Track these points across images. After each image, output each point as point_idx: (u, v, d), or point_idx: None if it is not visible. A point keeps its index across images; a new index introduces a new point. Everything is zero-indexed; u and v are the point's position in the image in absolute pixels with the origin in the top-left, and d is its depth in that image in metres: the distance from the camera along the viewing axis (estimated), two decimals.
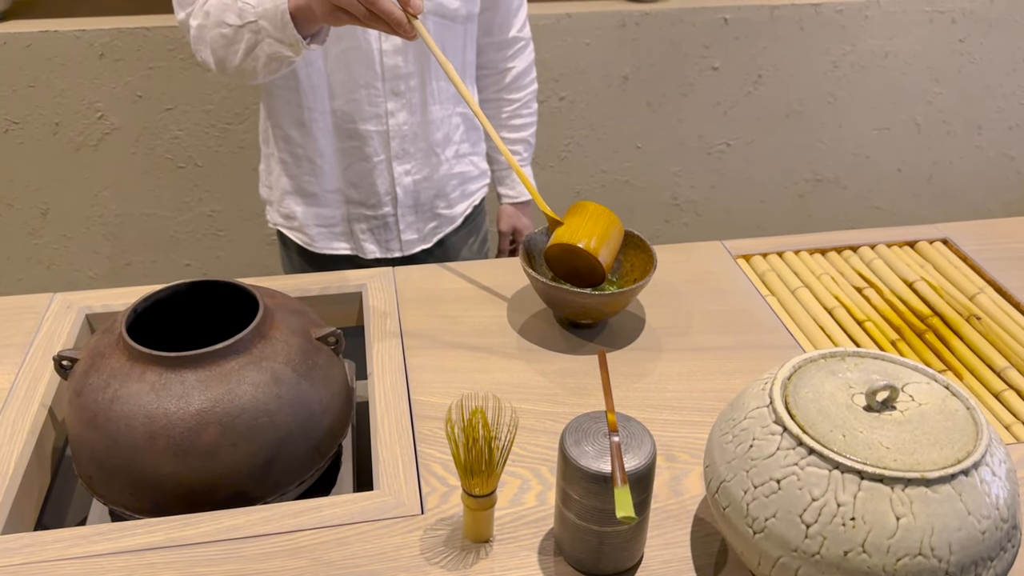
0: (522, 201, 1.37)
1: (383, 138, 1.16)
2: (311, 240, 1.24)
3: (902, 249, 1.09)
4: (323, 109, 1.15)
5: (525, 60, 1.31)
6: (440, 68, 1.16)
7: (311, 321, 0.83)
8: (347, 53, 1.11)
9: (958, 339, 0.93)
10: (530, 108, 1.35)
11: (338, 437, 0.81)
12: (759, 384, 0.65)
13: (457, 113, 1.22)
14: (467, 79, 1.23)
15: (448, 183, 1.24)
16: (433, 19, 1.12)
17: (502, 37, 1.26)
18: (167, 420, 0.72)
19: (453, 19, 1.15)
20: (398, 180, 1.19)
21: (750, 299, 0.98)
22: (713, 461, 0.64)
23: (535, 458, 0.76)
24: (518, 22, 1.27)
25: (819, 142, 2.15)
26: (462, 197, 1.27)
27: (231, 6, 0.98)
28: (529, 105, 1.34)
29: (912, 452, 0.57)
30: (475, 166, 1.28)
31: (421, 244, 1.25)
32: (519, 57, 1.30)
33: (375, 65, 1.12)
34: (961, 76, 2.12)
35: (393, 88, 1.14)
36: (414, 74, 1.15)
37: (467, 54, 1.22)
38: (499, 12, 1.24)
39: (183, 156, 1.87)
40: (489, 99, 1.32)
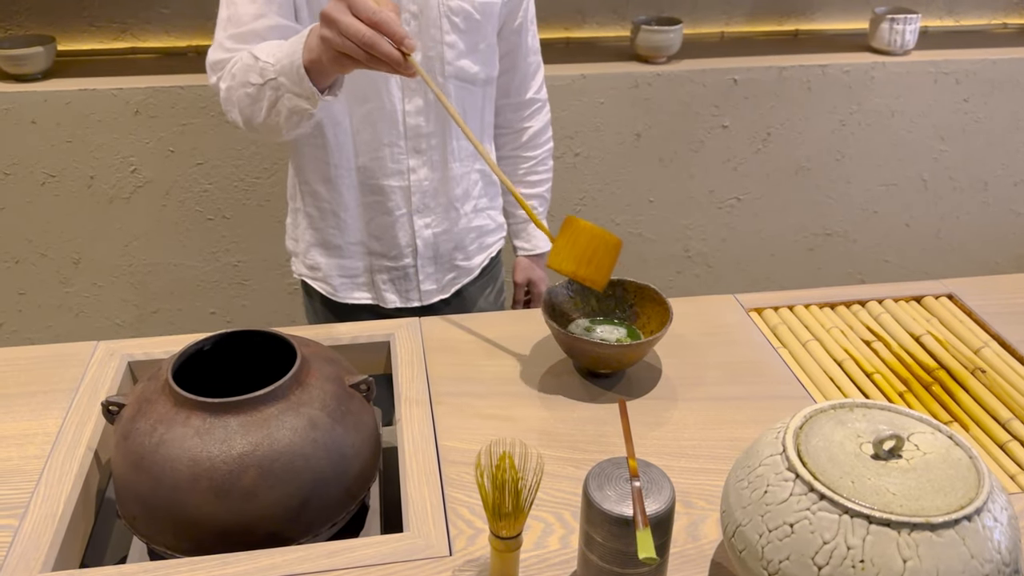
0: (537, 254, 1.43)
1: (405, 193, 1.22)
2: (334, 290, 1.29)
3: (909, 304, 1.13)
4: (348, 166, 1.21)
5: (541, 120, 1.37)
6: (458, 129, 1.22)
7: (344, 369, 0.87)
8: (372, 114, 1.18)
9: (964, 391, 0.96)
10: (546, 165, 1.41)
11: (368, 480, 0.85)
12: (772, 433, 0.69)
13: (476, 170, 1.28)
14: (485, 139, 1.29)
15: (467, 236, 1.29)
16: (454, 83, 1.19)
17: (519, 99, 1.33)
18: (210, 463, 0.76)
19: (473, 83, 1.21)
20: (418, 233, 1.24)
21: (762, 351, 1.02)
22: (729, 506, 0.67)
23: (558, 503, 0.80)
24: (535, 84, 1.34)
25: (828, 197, 2.20)
26: (480, 249, 1.32)
27: (253, 67, 1.03)
28: (545, 162, 1.40)
29: (917, 498, 0.61)
30: (492, 220, 1.33)
31: (439, 294, 1.30)
32: (535, 117, 1.36)
33: (398, 125, 1.19)
34: (966, 134, 2.18)
35: (415, 146, 1.20)
36: (435, 133, 1.21)
37: (486, 115, 1.28)
38: (517, 75, 1.31)
39: (212, 208, 1.93)
40: (507, 156, 1.38)
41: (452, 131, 1.22)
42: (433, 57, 1.17)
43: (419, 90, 1.17)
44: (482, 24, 1.19)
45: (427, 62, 1.16)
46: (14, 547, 0.74)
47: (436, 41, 1.16)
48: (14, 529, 0.76)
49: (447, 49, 1.16)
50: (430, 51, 1.16)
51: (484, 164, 1.29)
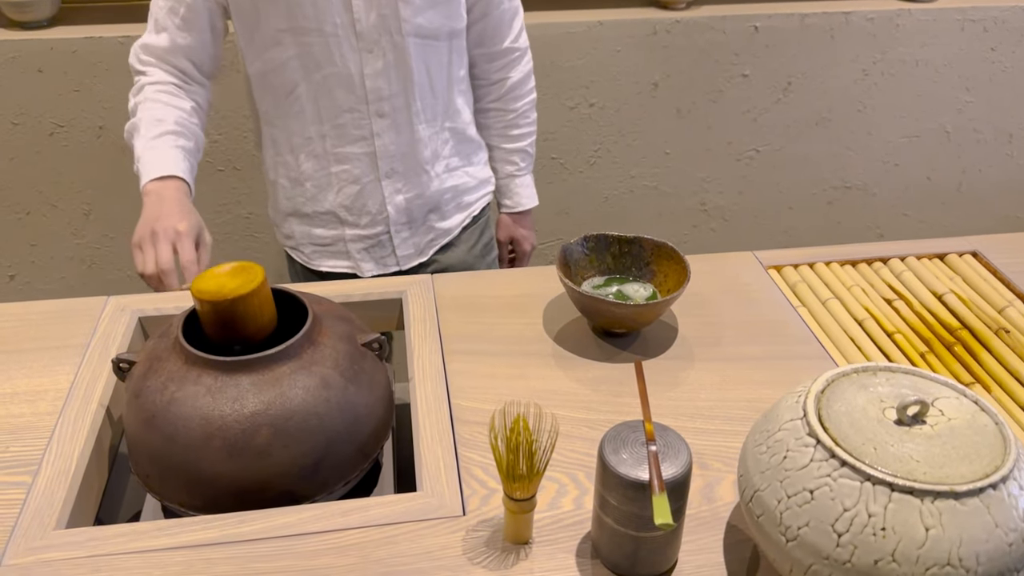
0: (520, 211, 1.38)
1: (371, 159, 1.19)
2: (308, 259, 1.28)
3: (932, 261, 1.11)
4: (310, 134, 1.18)
5: (521, 71, 1.30)
6: (424, 88, 1.18)
7: (356, 327, 0.86)
8: (328, 79, 1.14)
9: (987, 352, 0.95)
10: (528, 118, 1.35)
11: (381, 439, 0.84)
12: (793, 397, 0.67)
13: (446, 128, 1.24)
14: (456, 93, 1.23)
15: (441, 198, 1.26)
16: (413, 40, 1.13)
17: (494, 48, 1.26)
18: (223, 422, 0.75)
19: (436, 38, 1.16)
20: (389, 199, 1.21)
21: (781, 310, 1.00)
22: (747, 470, 0.66)
23: (572, 463, 0.79)
24: (512, 33, 1.27)
25: (848, 150, 2.15)
26: (457, 209, 1.29)
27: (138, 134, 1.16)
28: (527, 115, 1.34)
29: (941, 466, 0.60)
30: (471, 177, 1.29)
31: (418, 258, 1.28)
32: (514, 68, 1.29)
33: (357, 89, 1.15)
34: (992, 84, 2.12)
35: (378, 110, 1.16)
36: (398, 94, 1.16)
37: (454, 69, 1.22)
38: (490, 23, 1.24)
39: (222, 160, 1.91)
40: (486, 108, 1.33)
41: (416, 91, 1.17)
42: (387, 15, 1.11)
43: (377, 51, 1.13)
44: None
45: (381, 21, 1.11)
46: (28, 504, 0.74)
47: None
48: (27, 486, 0.76)
49: (403, 5, 1.10)
50: (384, 8, 1.11)
51: (456, 122, 1.25)
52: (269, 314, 0.83)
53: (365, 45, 1.12)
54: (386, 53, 1.13)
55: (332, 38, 1.12)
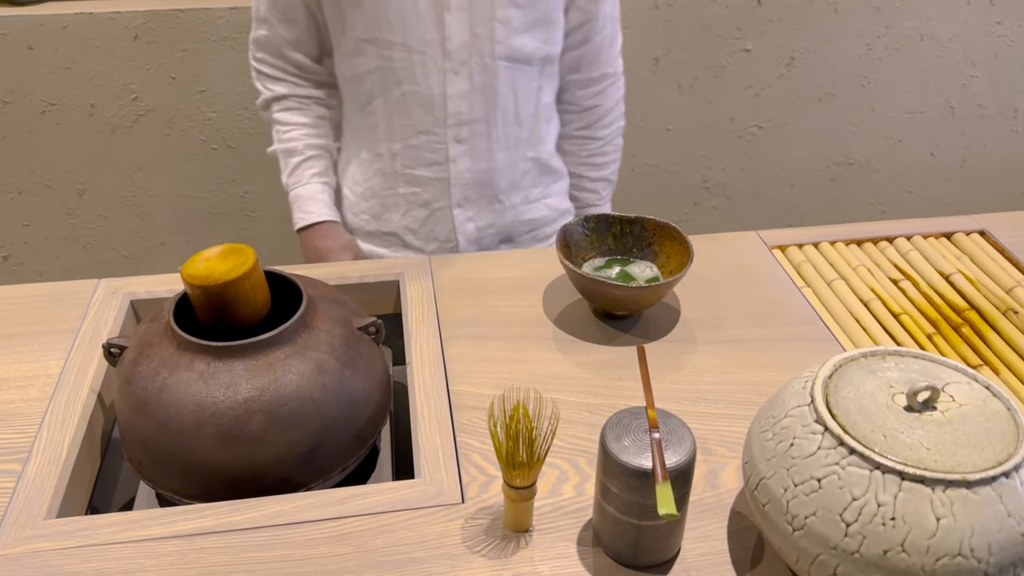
0: None
1: (443, 185, 1.13)
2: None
3: (938, 241, 1.09)
4: (380, 151, 1.13)
5: (613, 97, 1.22)
6: (508, 114, 1.11)
7: (352, 311, 0.84)
8: (407, 97, 1.08)
9: (995, 333, 0.93)
10: (614, 144, 1.27)
11: (378, 424, 0.83)
12: (799, 382, 0.66)
13: (527, 158, 1.16)
14: (541, 121, 1.16)
15: (516, 228, 1.20)
16: (504, 64, 1.07)
17: (591, 74, 1.18)
18: (216, 408, 0.73)
19: (528, 63, 1.09)
20: (460, 227, 1.16)
21: (785, 291, 0.98)
22: (752, 457, 0.65)
23: (573, 449, 0.78)
24: (609, 58, 1.19)
25: (851, 125, 2.13)
26: (533, 240, 1.23)
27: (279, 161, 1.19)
28: (613, 142, 1.26)
29: (953, 453, 0.58)
30: (551, 209, 1.22)
31: None
32: (605, 94, 1.21)
33: (437, 111, 1.08)
34: (997, 59, 2.09)
35: (456, 135, 1.10)
36: (479, 120, 1.10)
37: (543, 96, 1.14)
38: (589, 49, 1.15)
39: (216, 138, 1.88)
40: (572, 135, 1.24)
41: (499, 117, 1.10)
42: (481, 35, 1.04)
43: (464, 72, 1.06)
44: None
45: (474, 40, 1.04)
46: (18, 493, 0.73)
47: (486, 16, 1.03)
48: (17, 474, 0.75)
49: (499, 26, 1.03)
50: (478, 28, 1.04)
51: (538, 151, 1.17)
52: (262, 297, 0.81)
53: (452, 65, 1.06)
54: (473, 75, 1.07)
55: (417, 55, 1.05)
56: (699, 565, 0.68)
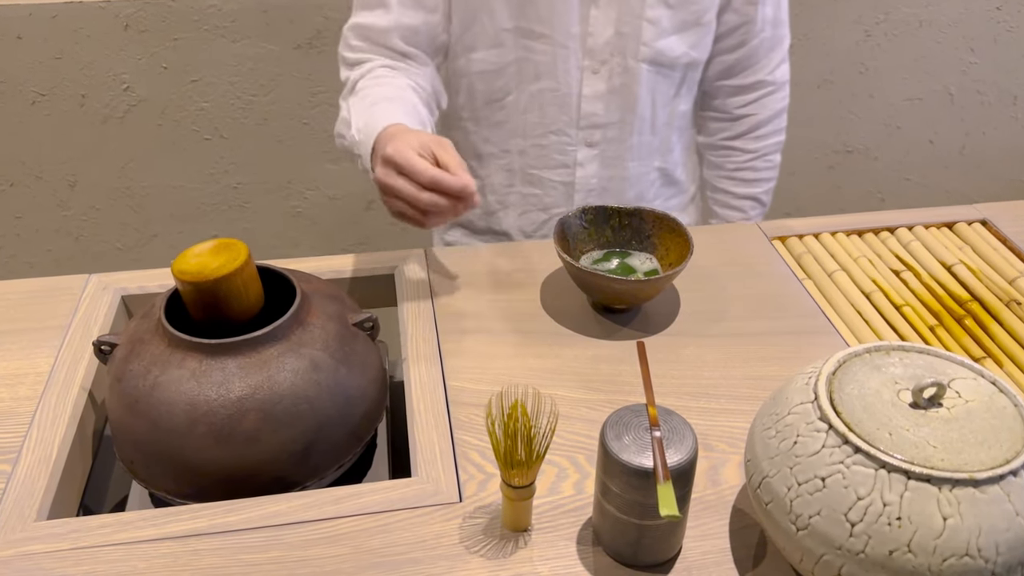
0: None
1: (567, 189, 1.08)
2: None
3: (940, 231, 1.08)
4: (506, 147, 1.07)
5: (770, 108, 1.12)
6: (644, 122, 1.04)
7: (347, 306, 0.83)
8: (543, 94, 1.02)
9: (998, 325, 0.92)
10: (768, 161, 1.15)
11: (375, 422, 0.81)
12: (803, 378, 0.64)
13: (655, 168, 1.11)
14: (673, 130, 1.10)
15: None
16: (647, 67, 1.01)
17: (743, 81, 1.10)
18: (208, 407, 0.72)
19: (672, 67, 1.02)
20: None
21: (786, 283, 0.97)
22: (755, 455, 0.64)
23: (572, 446, 0.76)
24: (769, 64, 1.10)
25: (850, 113, 2.11)
26: None
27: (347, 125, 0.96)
28: (767, 157, 1.15)
29: (959, 451, 0.57)
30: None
31: None
32: (760, 103, 1.12)
33: (571, 110, 1.02)
34: (997, 45, 2.07)
35: (587, 138, 1.04)
36: (613, 124, 1.04)
37: (679, 104, 1.07)
38: (744, 54, 1.07)
39: (209, 128, 1.86)
40: (719, 145, 1.16)
41: (634, 124, 1.04)
42: (627, 34, 0.98)
43: (603, 72, 1.00)
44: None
45: (618, 39, 0.99)
46: (7, 494, 0.72)
47: (634, 15, 0.97)
48: (7, 475, 0.73)
49: (647, 26, 0.97)
50: (624, 26, 0.98)
51: (666, 162, 1.10)
52: (255, 294, 0.79)
53: (591, 64, 1.00)
54: (612, 76, 1.01)
55: (561, 49, 0.99)
56: (701, 564, 0.67)
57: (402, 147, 0.81)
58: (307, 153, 1.90)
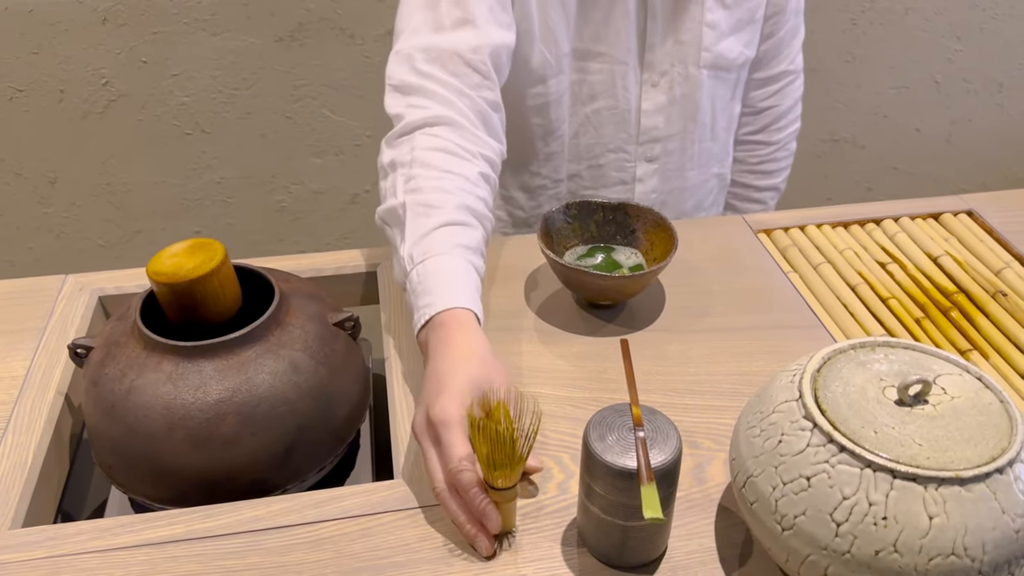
0: None
1: None
2: None
3: (926, 222, 1.07)
4: (560, 176, 1.02)
5: (791, 96, 1.12)
6: (705, 129, 1.01)
7: (327, 306, 0.82)
8: (600, 114, 0.98)
9: (984, 317, 0.91)
10: (787, 150, 1.16)
11: (356, 423, 0.80)
12: (787, 376, 0.64)
13: (714, 175, 1.08)
14: (731, 133, 1.07)
15: None
16: (708, 73, 0.97)
17: (769, 72, 1.08)
18: (185, 411, 0.71)
19: (729, 69, 1.00)
20: None
21: (772, 277, 0.96)
22: (740, 454, 0.63)
23: (556, 445, 0.76)
24: (790, 53, 1.08)
25: (836, 102, 2.10)
26: None
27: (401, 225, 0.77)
28: (787, 146, 1.15)
29: (945, 449, 0.56)
30: None
31: None
32: (783, 93, 1.10)
33: (630, 126, 0.98)
34: (983, 33, 2.06)
35: (647, 153, 1.00)
36: (675, 136, 1.01)
37: (735, 105, 1.04)
38: (772, 44, 1.05)
39: (190, 123, 1.84)
40: (742, 140, 1.14)
41: (696, 133, 1.01)
42: (687, 42, 0.95)
43: (663, 84, 0.96)
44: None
45: (678, 48, 0.95)
46: None
47: (695, 21, 0.94)
48: None
49: (707, 31, 0.94)
50: (684, 35, 0.94)
51: (723, 166, 1.07)
52: (232, 294, 0.78)
53: (650, 77, 0.96)
54: (673, 87, 0.97)
55: (619, 66, 0.95)
56: (686, 564, 0.66)
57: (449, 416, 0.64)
58: (290, 147, 1.88)
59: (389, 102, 0.85)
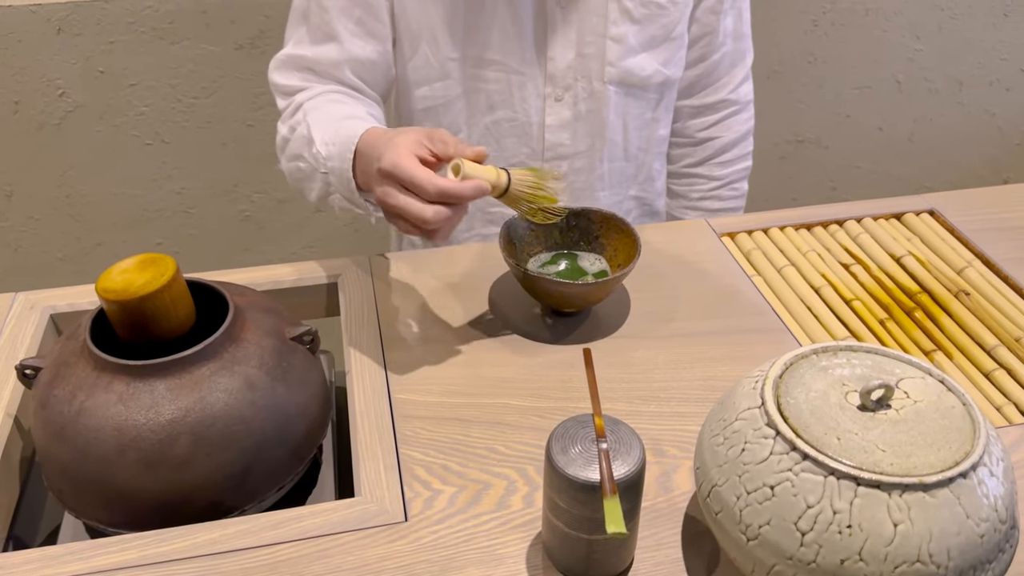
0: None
1: None
2: None
3: (888, 222, 1.07)
4: None
5: (735, 130, 1.07)
6: (615, 148, 0.98)
7: (284, 319, 0.80)
8: (500, 126, 0.95)
9: (947, 317, 0.92)
10: (735, 190, 1.10)
11: (317, 439, 0.78)
12: (749, 382, 0.63)
13: (630, 197, 1.04)
14: (654, 156, 1.03)
15: None
16: (615, 89, 0.94)
17: (704, 100, 1.04)
18: (137, 432, 0.69)
19: (644, 87, 0.96)
20: None
21: (736, 280, 0.96)
22: (704, 463, 0.62)
23: (521, 457, 0.74)
24: (732, 82, 1.04)
25: (800, 102, 2.11)
26: None
27: (307, 147, 0.84)
28: (733, 186, 1.09)
29: (909, 455, 0.56)
30: None
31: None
32: (724, 125, 1.06)
33: (533, 141, 0.95)
34: (942, 32, 2.09)
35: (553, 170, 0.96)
36: (582, 153, 0.97)
37: (658, 128, 1.00)
38: (705, 70, 1.01)
39: (149, 133, 1.81)
40: (682, 172, 1.09)
41: (604, 152, 0.98)
42: (590, 55, 0.91)
43: (568, 99, 0.94)
44: (668, 9, 0.92)
45: (581, 62, 0.92)
46: None
47: (597, 34, 0.91)
48: None
49: (612, 45, 0.91)
50: (586, 47, 0.91)
51: (645, 191, 1.03)
52: (185, 310, 0.76)
53: (554, 91, 0.93)
54: (578, 102, 0.94)
55: (516, 76, 0.93)
56: (653, 575, 0.65)
57: (399, 157, 0.70)
58: (253, 156, 1.86)
59: (277, 100, 0.96)
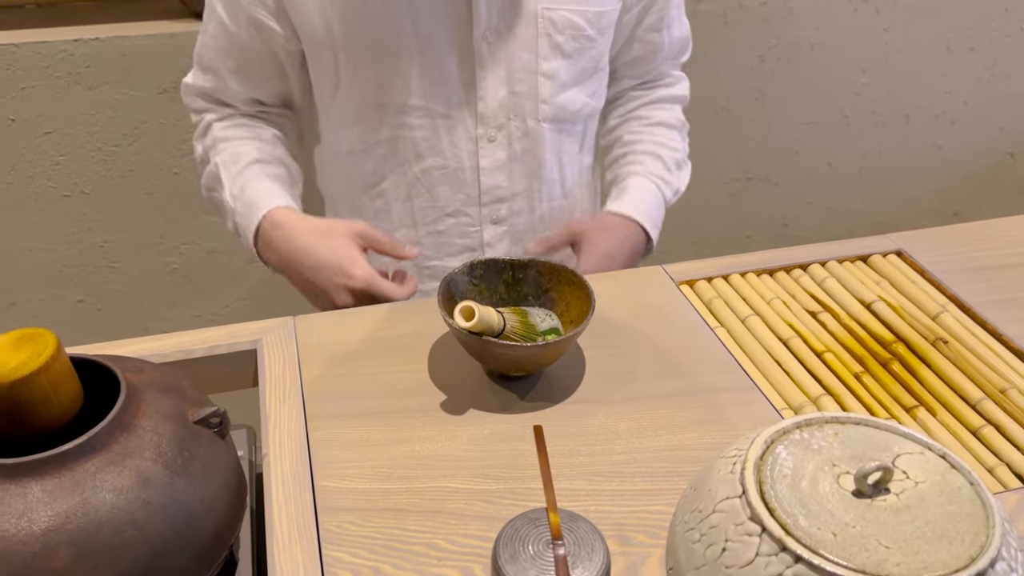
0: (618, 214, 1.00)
1: None
2: None
3: (855, 265, 1.01)
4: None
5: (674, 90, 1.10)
6: (553, 185, 0.95)
7: (187, 399, 0.69)
8: (429, 174, 0.90)
9: (926, 367, 0.85)
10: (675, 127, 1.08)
11: (228, 538, 0.67)
12: (726, 464, 0.54)
13: None
14: (584, 187, 1.02)
15: None
16: (550, 126, 0.91)
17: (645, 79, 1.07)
18: (6, 545, 0.57)
19: (574, 121, 0.94)
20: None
21: (698, 333, 0.88)
22: (678, 563, 0.53)
23: (466, 554, 0.64)
24: (671, 67, 1.10)
25: (748, 139, 2.08)
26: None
27: (218, 182, 0.94)
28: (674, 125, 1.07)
29: (916, 551, 0.48)
30: None
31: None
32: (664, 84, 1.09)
33: (467, 186, 0.90)
34: (887, 65, 2.08)
35: (492, 214, 0.92)
36: (520, 195, 0.93)
37: (583, 157, 0.99)
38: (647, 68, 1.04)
39: (67, 183, 1.69)
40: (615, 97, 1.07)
41: (543, 191, 0.94)
42: (522, 93, 0.88)
43: (501, 139, 0.89)
44: (596, 42, 0.90)
45: (513, 100, 0.88)
46: None
47: (529, 71, 0.87)
48: None
49: (544, 82, 0.88)
50: (518, 85, 0.87)
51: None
52: (69, 394, 0.65)
53: (486, 131, 0.89)
54: (512, 142, 0.90)
55: (443, 120, 0.87)
56: None
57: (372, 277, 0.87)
58: (180, 205, 1.74)
59: (192, 116, 1.02)
